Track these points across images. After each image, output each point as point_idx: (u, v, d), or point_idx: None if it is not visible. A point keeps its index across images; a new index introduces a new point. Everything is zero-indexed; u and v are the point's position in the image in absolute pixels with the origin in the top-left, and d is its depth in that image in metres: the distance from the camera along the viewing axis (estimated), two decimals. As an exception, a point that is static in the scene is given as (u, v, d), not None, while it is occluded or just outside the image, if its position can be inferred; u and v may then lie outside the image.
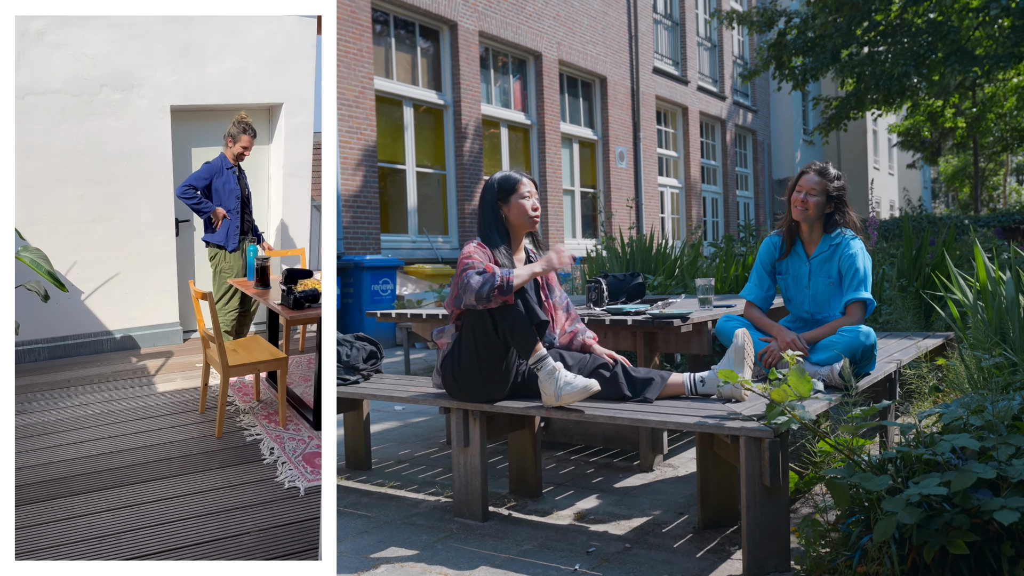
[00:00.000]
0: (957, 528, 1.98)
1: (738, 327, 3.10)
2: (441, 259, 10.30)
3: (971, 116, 18.67)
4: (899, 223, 14.86)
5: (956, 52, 12.58)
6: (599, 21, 13.88)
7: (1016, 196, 37.66)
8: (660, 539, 2.78)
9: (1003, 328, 3.38)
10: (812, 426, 2.38)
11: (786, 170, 21.30)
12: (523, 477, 3.30)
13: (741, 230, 10.72)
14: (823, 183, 3.20)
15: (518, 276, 2.79)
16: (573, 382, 2.77)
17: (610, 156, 14.04)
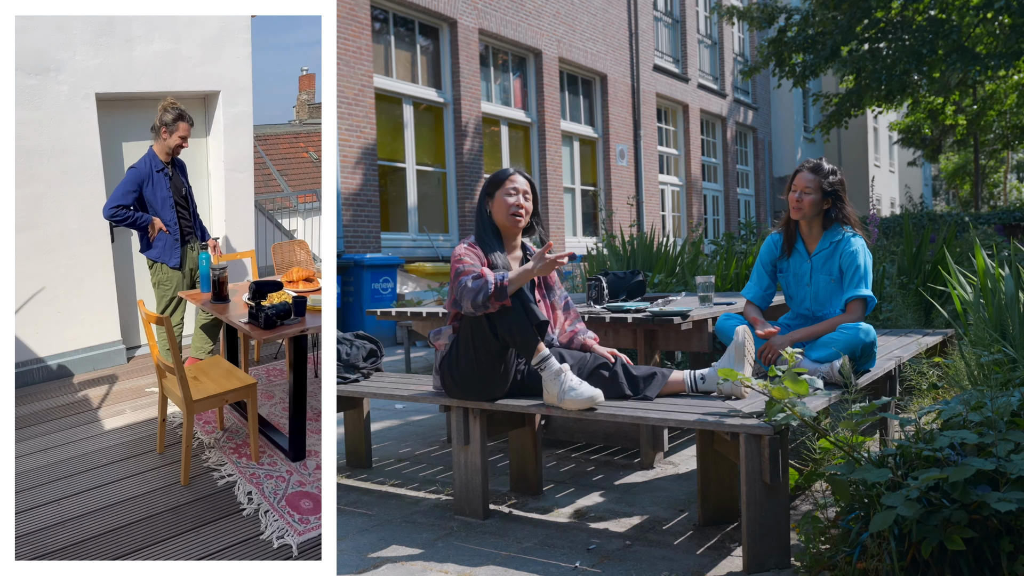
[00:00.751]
0: (956, 524, 1.99)
1: (738, 325, 3.11)
2: (441, 257, 10.30)
3: (971, 113, 18.66)
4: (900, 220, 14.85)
5: (957, 50, 12.57)
6: (599, 18, 13.87)
7: (1016, 193, 37.64)
8: (661, 536, 2.78)
9: (1003, 325, 3.38)
10: (812, 423, 2.39)
11: (787, 167, 21.29)
12: (524, 475, 3.31)
13: (742, 228, 10.72)
14: (817, 180, 3.20)
15: (512, 280, 2.74)
16: (579, 389, 2.74)
17: (611, 154, 14.04)
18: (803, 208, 3.21)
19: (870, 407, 2.38)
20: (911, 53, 12.84)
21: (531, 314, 2.77)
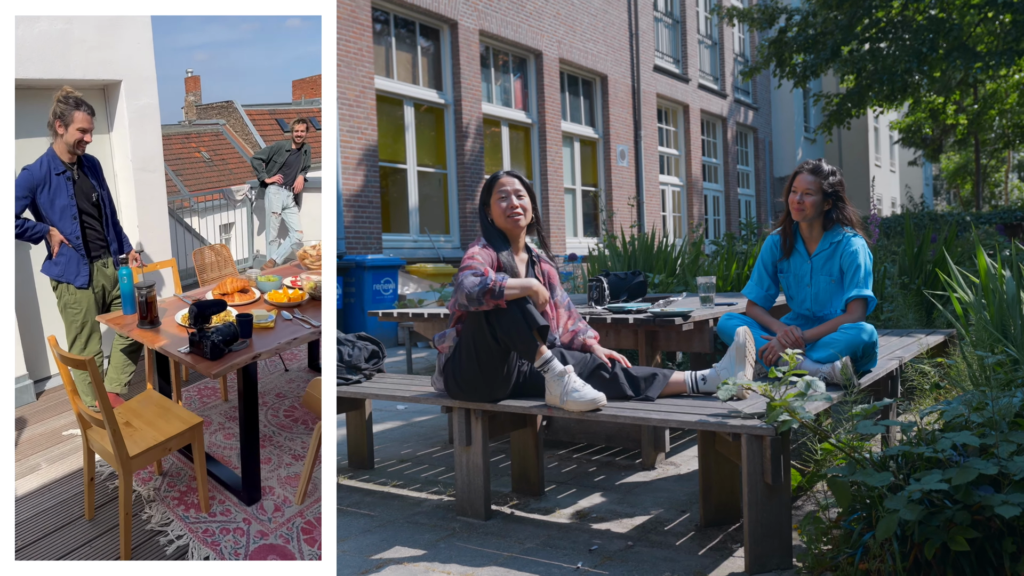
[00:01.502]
0: (958, 525, 1.99)
1: (739, 325, 3.11)
2: (443, 258, 10.31)
3: (972, 113, 18.66)
4: (900, 220, 14.85)
5: (958, 48, 12.57)
6: (599, 19, 13.88)
7: (1018, 193, 37.61)
8: (662, 537, 2.78)
9: (1004, 325, 3.38)
10: (813, 425, 2.39)
11: (787, 168, 21.28)
12: (525, 476, 3.31)
13: (742, 228, 10.72)
14: (817, 181, 3.20)
15: (510, 286, 2.76)
16: (581, 391, 2.76)
17: (611, 154, 14.04)
18: (805, 210, 3.21)
19: (871, 409, 2.38)
20: (912, 52, 12.84)
21: (530, 319, 2.78)
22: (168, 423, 3.06)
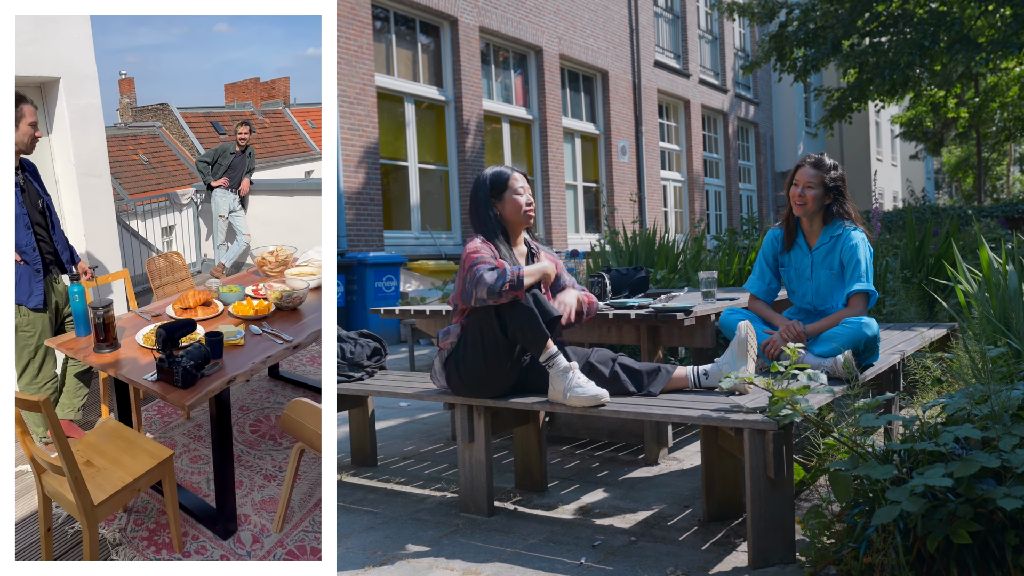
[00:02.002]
0: (961, 518, 1.99)
1: (741, 320, 3.11)
2: (444, 255, 10.31)
3: (974, 106, 18.61)
4: (902, 214, 14.83)
5: (960, 41, 12.55)
6: (600, 15, 13.86)
7: (1020, 186, 37.53)
8: (665, 532, 2.78)
9: (1007, 318, 3.38)
10: (815, 419, 2.39)
11: (789, 162, 21.25)
12: (528, 472, 3.32)
13: (744, 223, 10.71)
14: (819, 175, 3.20)
15: (528, 273, 2.78)
16: (585, 387, 2.76)
17: (612, 150, 14.03)
18: (806, 203, 3.21)
19: (874, 403, 2.38)
20: (913, 45, 12.82)
21: (544, 310, 2.78)
22: (135, 459, 2.68)
